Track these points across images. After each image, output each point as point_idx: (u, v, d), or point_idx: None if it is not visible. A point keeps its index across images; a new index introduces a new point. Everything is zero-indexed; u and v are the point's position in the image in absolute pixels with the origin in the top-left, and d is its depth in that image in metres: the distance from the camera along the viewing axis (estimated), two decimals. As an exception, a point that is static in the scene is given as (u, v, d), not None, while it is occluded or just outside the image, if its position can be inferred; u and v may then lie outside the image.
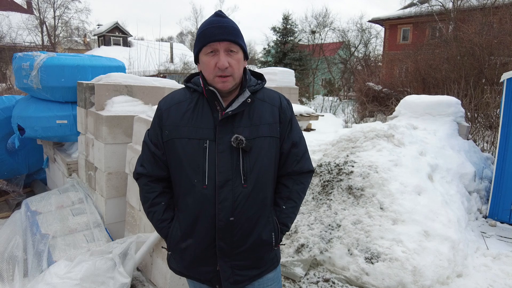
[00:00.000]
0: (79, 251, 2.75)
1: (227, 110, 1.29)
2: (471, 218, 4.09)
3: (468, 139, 5.26)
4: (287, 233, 2.47)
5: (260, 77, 1.46)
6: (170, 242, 1.40)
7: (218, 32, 1.25)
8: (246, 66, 1.41)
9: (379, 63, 20.49)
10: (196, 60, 1.35)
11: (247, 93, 1.33)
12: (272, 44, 22.07)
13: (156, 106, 2.73)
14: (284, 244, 1.52)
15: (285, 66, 17.65)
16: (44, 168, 4.58)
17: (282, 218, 1.43)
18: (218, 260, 1.34)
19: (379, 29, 25.01)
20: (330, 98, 16.16)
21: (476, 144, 5.48)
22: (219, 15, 1.32)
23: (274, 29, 21.38)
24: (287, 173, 1.45)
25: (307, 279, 2.88)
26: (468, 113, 6.38)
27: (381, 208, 3.27)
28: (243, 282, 1.38)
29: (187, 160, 1.29)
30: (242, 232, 1.31)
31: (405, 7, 21.80)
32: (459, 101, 5.38)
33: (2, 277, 2.54)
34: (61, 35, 26.99)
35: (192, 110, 1.32)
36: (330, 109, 12.47)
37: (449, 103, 5.30)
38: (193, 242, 1.34)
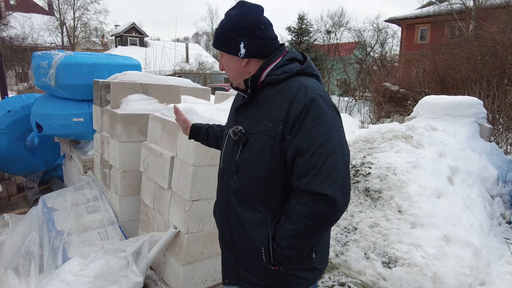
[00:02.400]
0: (93, 248, 2.77)
1: (243, 101, 1.32)
2: (494, 223, 3.93)
3: (490, 141, 5.07)
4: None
5: (301, 63, 1.27)
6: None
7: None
8: (284, 56, 1.27)
9: (396, 63, 20.12)
10: None
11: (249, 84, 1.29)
12: (287, 44, 21.98)
13: (170, 105, 2.73)
14: (301, 277, 1.26)
15: (299, 66, 17.49)
16: (60, 163, 4.64)
17: (276, 236, 1.19)
18: (222, 247, 1.38)
19: (396, 28, 24.58)
20: (346, 98, 15.95)
21: (499, 147, 5.28)
22: (226, 13, 1.30)
23: (289, 29, 21.31)
24: (294, 187, 1.18)
25: (322, 282, 2.81)
26: (490, 115, 6.15)
27: (399, 211, 3.17)
28: (245, 282, 1.33)
29: (222, 143, 1.42)
30: (235, 226, 1.29)
31: (423, 6, 21.35)
32: (481, 102, 5.19)
33: (18, 272, 2.57)
34: (80, 35, 27.62)
35: (236, 100, 1.43)
36: (346, 110, 12.30)
37: (470, 103, 5.12)
38: (215, 214, 1.46)
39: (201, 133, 1.72)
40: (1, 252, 2.76)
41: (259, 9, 1.25)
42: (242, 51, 1.24)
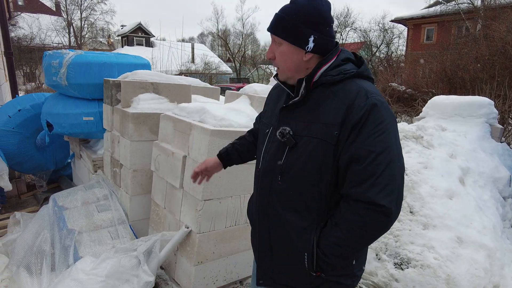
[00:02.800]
0: (104, 247, 2.77)
1: (293, 100, 1.23)
2: (506, 225, 3.87)
3: (501, 142, 5.01)
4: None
5: (357, 65, 1.22)
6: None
7: (271, 20, 1.22)
8: (339, 54, 1.21)
9: (402, 64, 19.98)
10: None
11: (304, 84, 1.20)
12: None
13: (181, 104, 2.72)
14: (342, 283, 1.24)
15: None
16: (70, 160, 4.66)
17: (322, 244, 1.15)
18: (258, 246, 1.33)
19: (402, 28, 24.43)
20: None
21: (510, 147, 5.21)
22: (295, 1, 1.18)
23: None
24: (343, 194, 1.14)
25: (333, 283, 2.79)
26: (500, 115, 6.08)
27: (411, 212, 3.13)
28: (280, 284, 1.31)
29: (259, 141, 1.40)
30: (276, 229, 1.25)
31: (430, 6, 21.19)
32: (492, 102, 5.13)
33: (30, 270, 2.58)
34: (86, 36, 27.81)
35: (277, 96, 1.37)
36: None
37: (481, 104, 5.06)
38: (251, 213, 1.43)
39: (231, 154, 1.62)
40: (13, 250, 2.78)
41: (329, 5, 1.19)
42: (311, 44, 1.16)
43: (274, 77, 1.35)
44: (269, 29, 1.22)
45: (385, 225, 1.09)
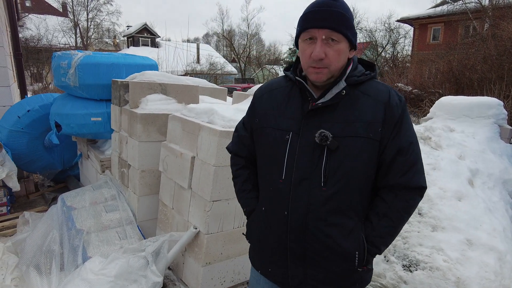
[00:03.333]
0: (112, 247, 2.78)
1: (318, 102, 1.17)
2: (516, 227, 3.83)
3: (511, 143, 4.95)
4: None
5: (371, 68, 1.27)
6: (248, 229, 1.41)
7: (319, 17, 1.11)
8: (354, 56, 1.24)
9: (407, 64, 19.86)
10: (297, 44, 1.24)
11: (342, 84, 1.17)
12: (297, 44, 21.88)
13: (189, 105, 2.72)
14: (372, 269, 1.31)
15: (310, 66, 17.43)
16: (77, 161, 4.70)
17: (372, 237, 1.20)
18: (289, 261, 1.24)
19: (408, 28, 24.27)
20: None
21: (519, 149, 5.14)
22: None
23: (300, 29, 21.21)
24: (389, 186, 1.21)
25: (341, 285, 2.77)
26: (508, 116, 6.01)
27: (420, 214, 3.11)
28: None
29: (269, 150, 1.26)
30: (316, 239, 1.19)
31: (436, 6, 21.03)
32: (501, 103, 5.07)
33: (40, 270, 2.59)
34: (93, 36, 28.01)
35: (283, 99, 1.26)
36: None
37: (490, 104, 5.01)
38: (266, 235, 1.30)
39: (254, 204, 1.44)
40: (23, 250, 2.80)
41: None
42: (355, 43, 1.19)
43: (297, 77, 1.24)
44: (328, 25, 1.11)
45: (418, 203, 1.24)
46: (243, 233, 1.48)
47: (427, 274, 2.66)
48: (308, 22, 1.13)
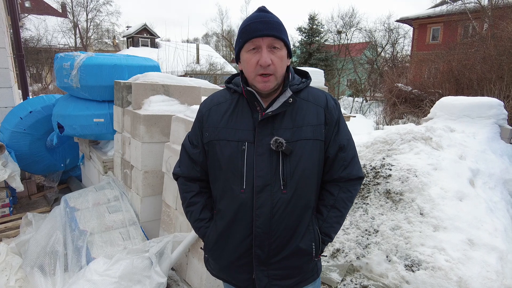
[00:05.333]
0: (115, 248, 2.79)
1: (267, 111, 1.23)
2: (517, 227, 3.85)
3: (511, 143, 4.97)
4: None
5: (305, 75, 1.37)
6: (207, 244, 1.39)
7: (261, 27, 1.18)
8: (290, 65, 1.33)
9: (407, 64, 19.89)
10: (237, 59, 1.29)
11: (288, 93, 1.25)
12: (297, 44, 21.92)
13: (192, 106, 2.72)
14: (326, 256, 1.39)
15: (310, 66, 17.49)
16: (79, 164, 4.71)
17: (324, 228, 1.35)
18: (254, 268, 1.28)
19: (407, 28, 24.29)
20: (356, 99, 15.83)
21: (520, 149, 5.16)
22: (262, 10, 1.25)
23: (300, 29, 21.26)
24: (333, 179, 1.35)
25: (344, 285, 2.79)
26: (509, 116, 6.02)
27: (421, 214, 3.13)
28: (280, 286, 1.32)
29: (226, 162, 1.26)
30: (280, 240, 1.26)
31: (436, 6, 21.06)
32: (502, 103, 5.09)
33: (44, 270, 2.61)
34: (92, 37, 28.00)
35: (231, 112, 1.29)
36: (360, 110, 12.21)
37: (490, 104, 5.03)
38: (229, 247, 1.31)
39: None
40: (27, 251, 2.81)
41: None
42: (291, 51, 1.31)
43: (247, 87, 1.25)
44: (273, 34, 1.18)
45: (358, 190, 1.42)
46: (201, 248, 1.48)
47: (429, 274, 2.67)
48: (252, 32, 1.19)
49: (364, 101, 15.72)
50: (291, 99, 1.25)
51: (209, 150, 1.32)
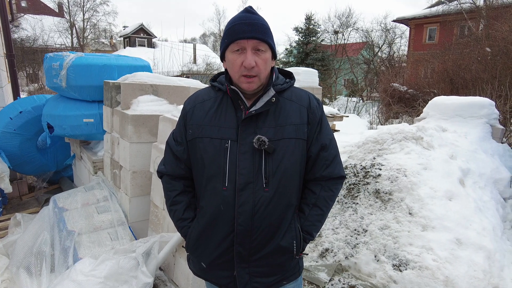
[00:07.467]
0: (103, 249, 2.78)
1: (251, 110, 1.25)
2: (507, 226, 3.86)
3: (502, 143, 4.99)
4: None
5: (289, 76, 1.40)
6: (189, 242, 1.39)
7: (247, 29, 1.19)
8: (274, 65, 1.34)
9: (403, 64, 19.93)
10: (222, 57, 1.30)
11: (271, 92, 1.27)
12: (294, 44, 21.92)
13: (180, 106, 2.72)
14: (307, 254, 1.39)
15: (307, 66, 17.50)
16: (69, 163, 4.69)
17: (306, 226, 1.36)
18: (235, 265, 1.29)
19: (404, 28, 24.35)
20: (353, 98, 15.86)
21: (511, 148, 5.18)
22: (249, 11, 1.26)
23: (296, 29, 21.24)
24: (315, 178, 1.36)
25: (332, 285, 2.79)
26: (501, 116, 6.05)
27: (410, 214, 3.13)
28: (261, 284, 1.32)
29: (208, 160, 1.26)
30: (261, 238, 1.27)
31: (432, 6, 21.12)
32: (493, 103, 5.11)
33: (30, 271, 2.59)
34: (89, 37, 27.93)
35: (215, 109, 1.30)
36: (354, 110, 12.21)
37: (482, 104, 5.04)
38: (210, 244, 1.32)
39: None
40: (13, 251, 2.80)
41: None
42: (276, 53, 1.31)
43: (231, 86, 1.26)
44: (258, 37, 1.20)
45: (340, 190, 1.43)
46: (182, 246, 1.48)
47: (416, 273, 2.68)
48: (237, 34, 1.20)
49: (361, 101, 15.75)
50: (274, 98, 1.26)
51: (192, 147, 1.32)
